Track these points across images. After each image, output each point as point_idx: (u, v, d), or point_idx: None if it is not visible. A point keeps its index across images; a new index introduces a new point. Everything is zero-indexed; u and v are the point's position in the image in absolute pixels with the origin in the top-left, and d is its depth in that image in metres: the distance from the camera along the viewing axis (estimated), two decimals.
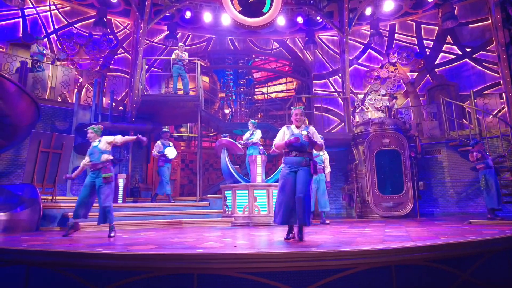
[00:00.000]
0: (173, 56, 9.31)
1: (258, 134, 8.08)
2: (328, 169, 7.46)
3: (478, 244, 3.12)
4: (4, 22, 10.16)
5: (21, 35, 10.28)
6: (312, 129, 4.07)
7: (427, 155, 10.01)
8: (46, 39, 10.69)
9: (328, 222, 7.00)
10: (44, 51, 9.78)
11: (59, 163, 7.11)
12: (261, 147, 7.97)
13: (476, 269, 2.99)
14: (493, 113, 9.51)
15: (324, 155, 7.39)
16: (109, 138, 5.01)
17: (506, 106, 9.61)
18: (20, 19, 10.42)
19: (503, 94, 9.78)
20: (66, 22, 11.27)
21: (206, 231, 5.54)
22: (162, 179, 8.23)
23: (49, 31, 10.89)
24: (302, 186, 3.79)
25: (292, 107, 4.24)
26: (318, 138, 4.03)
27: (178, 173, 10.60)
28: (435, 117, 10.52)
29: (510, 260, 3.25)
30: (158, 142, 8.46)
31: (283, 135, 4.04)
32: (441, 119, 9.73)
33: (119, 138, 5.08)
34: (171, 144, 8.61)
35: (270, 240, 4.12)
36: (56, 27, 11.06)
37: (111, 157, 4.93)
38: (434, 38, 11.82)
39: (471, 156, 7.11)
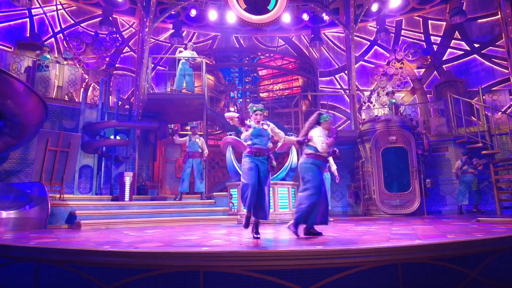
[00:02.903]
0: (180, 54, 9.34)
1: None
2: (334, 167, 7.47)
3: (486, 242, 3.09)
4: (11, 22, 10.27)
5: (28, 35, 10.40)
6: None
7: (435, 152, 9.91)
8: (53, 39, 10.80)
9: (332, 219, 6.94)
10: (48, 57, 9.92)
11: (66, 161, 7.19)
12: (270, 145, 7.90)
13: (484, 268, 2.95)
14: (502, 110, 9.37)
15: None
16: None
17: None
18: (28, 19, 10.53)
19: None
20: (73, 22, 11.36)
21: (212, 228, 5.56)
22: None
23: (56, 31, 10.99)
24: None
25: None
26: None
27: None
28: (442, 114, 10.40)
29: None
30: (186, 138, 8.16)
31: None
32: (449, 116, 9.61)
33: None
34: (197, 140, 8.08)
35: (276, 238, 4.13)
36: (63, 26, 11.16)
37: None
38: (441, 34, 11.66)
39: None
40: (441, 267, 2.83)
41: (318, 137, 4.05)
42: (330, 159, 7.43)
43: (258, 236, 3.84)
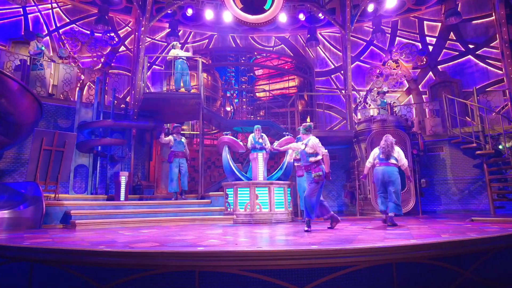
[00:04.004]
0: (171, 54, 9.35)
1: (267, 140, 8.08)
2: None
3: (480, 242, 3.12)
4: (6, 20, 10.18)
5: (23, 33, 10.31)
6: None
7: (430, 152, 9.97)
8: (48, 37, 10.71)
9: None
10: (43, 48, 9.77)
11: (61, 161, 7.14)
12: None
13: (478, 267, 2.98)
14: (496, 110, 9.45)
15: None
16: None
17: (509, 103, 9.54)
18: (22, 18, 10.44)
19: (507, 91, 9.72)
20: (68, 20, 11.28)
21: (208, 228, 5.56)
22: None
23: (51, 29, 10.90)
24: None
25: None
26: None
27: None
28: (437, 114, 10.46)
29: None
30: (170, 137, 8.34)
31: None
32: (444, 116, 9.68)
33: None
34: (183, 139, 8.43)
35: (272, 237, 4.13)
36: (58, 25, 11.07)
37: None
38: (437, 35, 11.74)
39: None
40: (436, 266, 2.85)
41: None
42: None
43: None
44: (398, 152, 5.86)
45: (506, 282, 3.09)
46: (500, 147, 8.29)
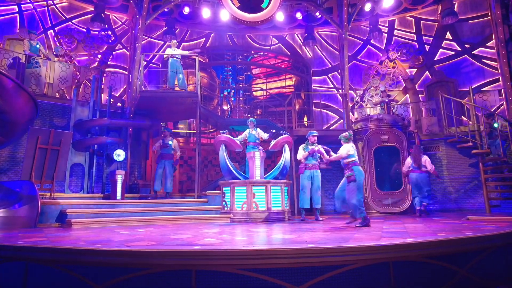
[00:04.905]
0: (167, 52, 9.35)
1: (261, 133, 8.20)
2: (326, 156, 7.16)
3: (476, 240, 3.14)
4: (0, 18, 10.09)
5: (18, 31, 10.22)
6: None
7: (426, 151, 9.99)
8: (43, 35, 10.63)
9: (321, 219, 7.04)
10: (38, 45, 9.70)
11: (57, 159, 7.09)
12: (260, 148, 8.00)
13: (474, 266, 3.00)
14: (492, 110, 9.50)
15: (318, 149, 6.95)
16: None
17: (504, 102, 9.61)
18: (17, 15, 10.35)
19: (502, 90, 9.78)
20: (64, 18, 11.19)
21: (205, 227, 5.54)
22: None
23: (46, 27, 10.82)
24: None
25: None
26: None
27: (177, 169, 10.59)
28: (434, 113, 10.51)
29: (507, 256, 3.27)
30: (159, 142, 8.81)
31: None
32: (440, 115, 9.72)
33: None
34: (171, 142, 8.75)
35: (269, 236, 4.13)
36: (54, 22, 11.00)
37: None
38: (433, 34, 11.78)
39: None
40: (432, 265, 2.86)
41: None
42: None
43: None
44: (425, 160, 7.62)
45: (502, 280, 3.12)
46: (495, 125, 8.39)
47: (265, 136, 8.13)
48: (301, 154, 7.24)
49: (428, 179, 7.64)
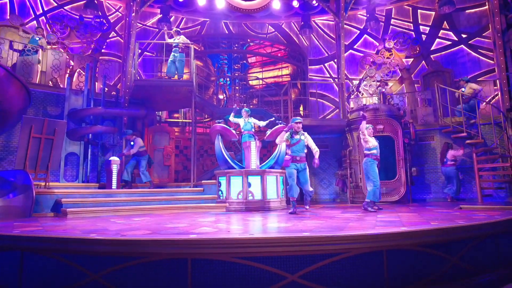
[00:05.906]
0: (170, 40, 9.20)
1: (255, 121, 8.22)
2: (316, 149, 6.49)
3: (468, 229, 3.19)
4: None
5: (8, 17, 10.00)
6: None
7: (421, 141, 10.07)
8: (35, 21, 10.42)
9: (307, 207, 6.50)
10: (37, 39, 9.60)
11: (51, 149, 7.03)
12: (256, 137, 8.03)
13: (465, 254, 3.05)
14: (487, 100, 9.55)
15: (307, 139, 6.38)
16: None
17: (499, 93, 9.64)
18: (7, 1, 10.10)
19: (497, 81, 9.80)
20: (56, 4, 10.95)
21: (201, 216, 5.57)
22: None
23: (37, 13, 10.59)
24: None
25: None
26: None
27: (173, 159, 10.56)
28: (429, 103, 10.53)
29: (498, 244, 3.33)
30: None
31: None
32: (436, 105, 9.75)
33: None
34: (137, 141, 8.56)
35: (264, 225, 4.16)
36: (45, 9, 10.76)
37: None
38: (430, 24, 11.72)
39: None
40: (425, 253, 2.91)
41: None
42: (311, 145, 6.50)
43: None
44: (451, 155, 8.88)
45: (491, 268, 3.18)
46: (462, 90, 8.84)
47: (262, 124, 8.10)
48: (280, 138, 6.27)
49: (456, 172, 8.78)
